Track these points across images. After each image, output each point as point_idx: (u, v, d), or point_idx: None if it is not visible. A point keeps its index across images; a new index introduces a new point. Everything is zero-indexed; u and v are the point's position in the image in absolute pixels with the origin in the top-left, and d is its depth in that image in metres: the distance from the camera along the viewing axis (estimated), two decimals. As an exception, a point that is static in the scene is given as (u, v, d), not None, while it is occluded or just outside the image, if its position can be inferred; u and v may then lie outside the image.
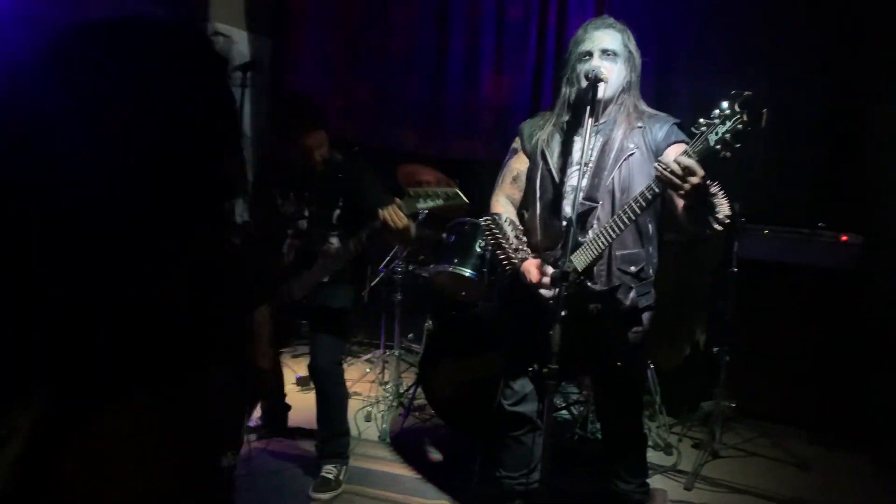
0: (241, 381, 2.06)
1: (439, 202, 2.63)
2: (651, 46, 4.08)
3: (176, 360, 0.81)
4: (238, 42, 5.06)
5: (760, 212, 3.93)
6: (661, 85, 4.10)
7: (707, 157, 2.00)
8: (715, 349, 3.72)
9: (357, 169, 3.04)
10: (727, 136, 1.96)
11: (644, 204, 2.19)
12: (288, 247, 3.11)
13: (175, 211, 0.80)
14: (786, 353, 3.92)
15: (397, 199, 2.69)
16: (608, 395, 2.65)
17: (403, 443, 3.64)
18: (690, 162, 1.99)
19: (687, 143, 2.33)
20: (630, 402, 2.63)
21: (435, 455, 3.55)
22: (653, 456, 3.51)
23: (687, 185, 2.02)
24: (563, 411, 3.88)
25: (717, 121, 1.98)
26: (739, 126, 1.95)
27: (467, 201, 2.59)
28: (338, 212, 3.02)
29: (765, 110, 1.93)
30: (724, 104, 1.98)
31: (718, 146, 1.98)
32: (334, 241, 2.97)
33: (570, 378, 3.97)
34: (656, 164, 2.06)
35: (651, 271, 2.48)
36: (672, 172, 2.00)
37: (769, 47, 3.98)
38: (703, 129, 2.01)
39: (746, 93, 1.96)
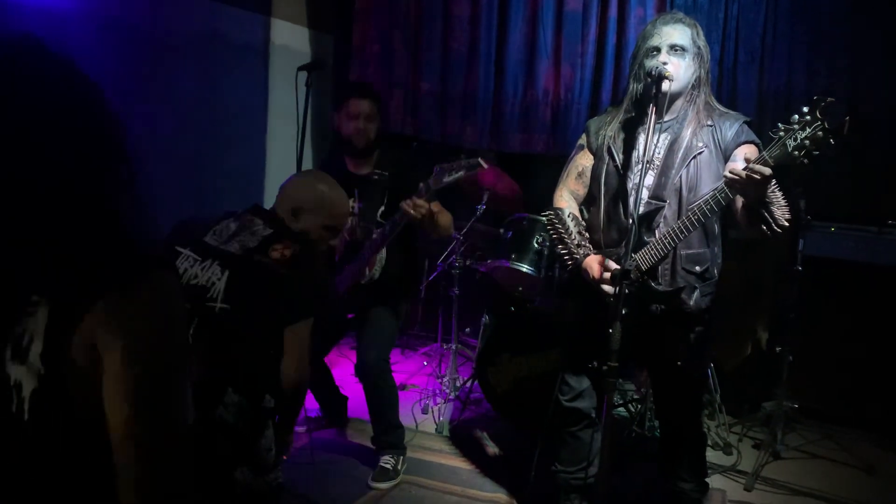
0: (276, 398, 2.06)
1: (461, 173, 2.71)
2: (715, 40, 4.01)
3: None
4: (300, 39, 5.18)
5: (826, 208, 3.83)
6: (725, 81, 4.03)
7: (784, 163, 1.97)
8: (777, 348, 3.65)
9: (402, 169, 3.13)
10: (806, 142, 1.92)
11: (715, 208, 2.17)
12: (338, 241, 3.20)
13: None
14: (851, 354, 3.82)
15: (421, 184, 2.77)
16: (668, 395, 2.63)
17: (460, 436, 3.69)
18: (767, 171, 1.96)
19: (756, 144, 2.32)
20: (690, 402, 2.61)
21: (491, 448, 3.58)
22: (712, 455, 3.47)
23: (756, 190, 2.00)
24: (621, 408, 3.87)
25: (796, 126, 1.94)
26: (820, 133, 1.91)
27: (486, 166, 2.66)
28: (382, 208, 3.09)
29: (847, 118, 1.88)
30: (805, 109, 1.94)
31: (797, 152, 1.94)
32: (376, 233, 3.04)
33: (629, 375, 3.96)
34: (725, 175, 2.04)
35: (715, 272, 2.46)
36: (748, 178, 1.98)
37: (842, 41, 3.85)
38: (781, 133, 1.97)
39: (829, 99, 1.91)
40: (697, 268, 2.39)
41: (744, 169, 1.99)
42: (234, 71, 4.60)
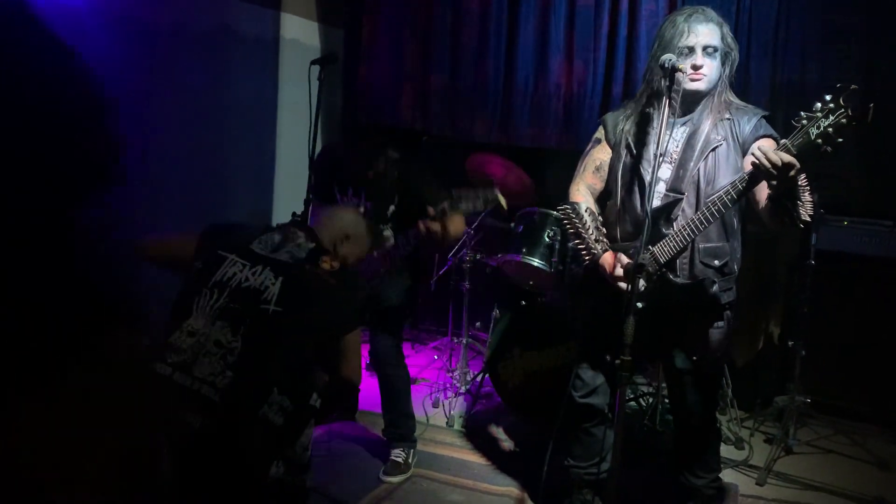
0: (331, 394, 2.16)
1: (479, 206, 2.77)
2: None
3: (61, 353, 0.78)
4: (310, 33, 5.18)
5: (839, 202, 3.80)
6: (738, 75, 3.99)
7: (806, 151, 1.96)
8: (790, 343, 3.64)
9: (413, 168, 3.11)
10: (829, 130, 1.92)
11: (735, 197, 2.16)
12: None
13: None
14: (864, 348, 3.80)
15: (430, 209, 2.81)
16: (683, 390, 2.61)
17: (471, 429, 3.69)
18: (790, 158, 1.95)
19: (775, 138, 2.32)
20: (705, 398, 2.61)
21: (502, 442, 3.59)
22: (724, 450, 3.44)
23: (782, 179, 1.99)
24: (632, 402, 3.86)
25: (819, 114, 1.94)
26: (843, 121, 1.90)
27: (504, 204, 2.68)
28: (392, 208, 3.09)
29: (871, 105, 1.87)
30: (828, 97, 1.93)
31: (819, 140, 1.94)
32: (388, 234, 3.04)
33: (641, 370, 3.94)
34: (753, 153, 2.03)
35: (735, 267, 2.45)
36: (773, 165, 1.97)
37: (856, 33, 3.81)
38: (804, 122, 1.97)
39: (853, 86, 1.91)
40: (716, 261, 2.38)
41: (774, 153, 1.99)
42: (244, 66, 4.61)
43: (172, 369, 1.96)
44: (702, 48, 2.33)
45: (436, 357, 4.70)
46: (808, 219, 2.15)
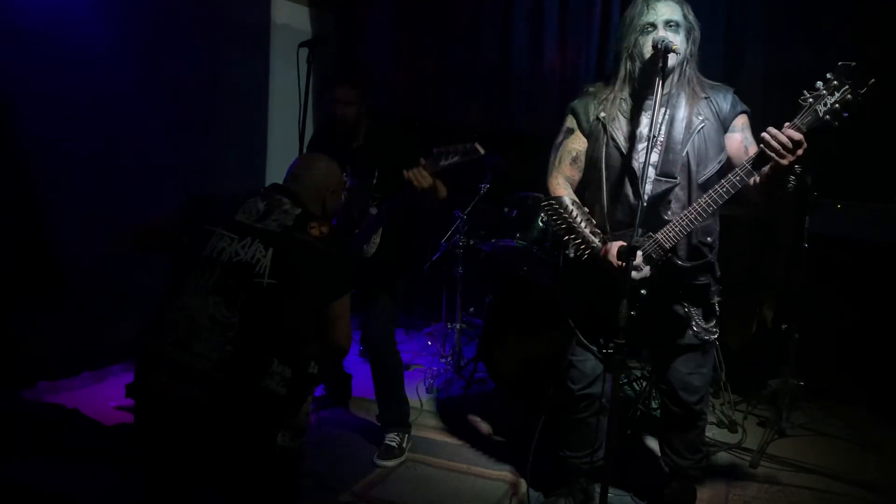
0: (321, 361, 2.16)
1: (458, 159, 2.71)
2: (721, 16, 3.95)
3: None
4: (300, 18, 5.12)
5: (833, 185, 3.79)
6: (732, 58, 3.97)
7: (816, 128, 2.03)
8: (784, 326, 3.64)
9: (392, 137, 3.11)
10: (836, 106, 2.01)
11: (745, 178, 2.18)
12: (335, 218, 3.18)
13: None
14: (858, 332, 3.81)
15: (422, 160, 2.75)
16: (680, 369, 2.58)
17: (465, 415, 3.69)
18: (800, 137, 2.03)
19: (748, 112, 2.42)
20: (701, 377, 2.60)
21: (496, 427, 3.58)
22: (717, 433, 3.48)
23: (792, 158, 2.04)
24: (625, 387, 3.86)
25: (824, 91, 2.02)
26: (849, 96, 2.00)
27: (482, 152, 2.66)
28: (375, 180, 3.06)
29: (872, 80, 1.97)
30: (829, 75, 2.02)
31: (828, 117, 2.02)
32: (373, 210, 3.02)
33: (635, 354, 3.93)
34: (764, 135, 2.08)
35: (717, 242, 2.47)
36: (783, 145, 2.03)
37: (851, 15, 3.79)
38: (811, 100, 2.05)
39: (853, 63, 2.00)
40: (709, 239, 2.41)
41: (785, 134, 2.05)
42: (234, 50, 4.56)
43: (170, 347, 1.96)
44: (663, 23, 2.32)
45: (429, 343, 4.70)
46: (792, 184, 2.20)
